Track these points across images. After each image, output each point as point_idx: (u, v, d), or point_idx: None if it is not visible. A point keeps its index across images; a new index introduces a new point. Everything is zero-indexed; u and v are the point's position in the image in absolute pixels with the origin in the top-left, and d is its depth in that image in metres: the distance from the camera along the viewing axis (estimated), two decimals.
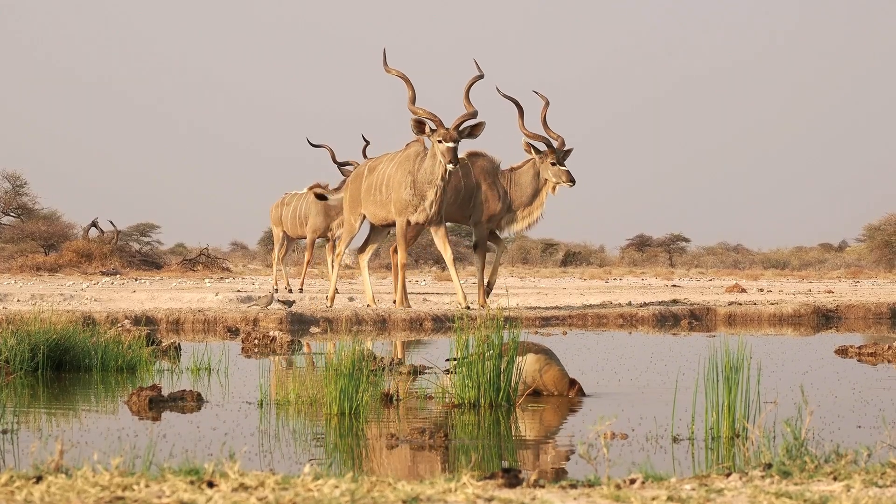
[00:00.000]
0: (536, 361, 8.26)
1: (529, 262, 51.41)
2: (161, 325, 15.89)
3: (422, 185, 16.30)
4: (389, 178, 16.63)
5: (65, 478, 4.50)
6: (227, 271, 35.72)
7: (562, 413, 7.81)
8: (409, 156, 16.51)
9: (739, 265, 51.02)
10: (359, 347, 7.61)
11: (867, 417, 7.44)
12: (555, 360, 8.34)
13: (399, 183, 16.43)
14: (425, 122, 15.89)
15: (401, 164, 16.53)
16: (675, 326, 16.96)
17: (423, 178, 16.28)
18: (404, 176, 16.40)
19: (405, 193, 16.35)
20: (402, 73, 16.14)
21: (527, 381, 8.23)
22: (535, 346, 8.33)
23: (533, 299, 20.04)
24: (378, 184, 16.77)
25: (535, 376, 8.26)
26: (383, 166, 16.82)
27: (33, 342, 9.88)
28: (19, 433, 6.76)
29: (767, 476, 4.84)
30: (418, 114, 15.89)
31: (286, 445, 6.44)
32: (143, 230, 47.47)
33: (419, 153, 16.44)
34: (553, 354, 8.37)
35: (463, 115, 15.90)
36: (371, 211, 16.92)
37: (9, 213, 42.19)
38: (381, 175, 16.77)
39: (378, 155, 17.30)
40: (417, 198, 16.33)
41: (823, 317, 18.34)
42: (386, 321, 16.19)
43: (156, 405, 7.91)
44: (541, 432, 7.12)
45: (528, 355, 8.25)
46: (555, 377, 8.29)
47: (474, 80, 16.11)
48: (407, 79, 16.07)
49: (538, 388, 8.29)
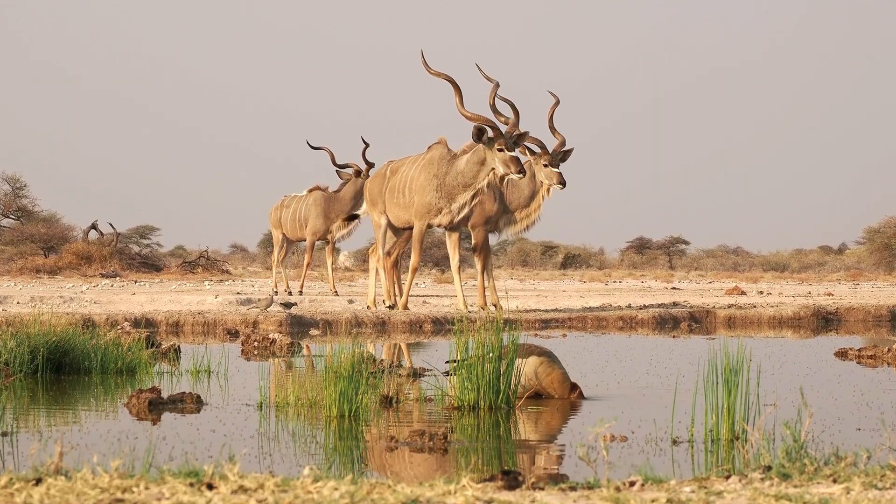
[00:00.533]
0: (539, 364, 8.26)
1: (529, 265, 51.42)
2: (161, 328, 15.89)
3: (452, 188, 16.12)
4: (412, 180, 16.51)
5: (64, 480, 4.50)
6: (226, 274, 35.72)
7: (561, 415, 7.81)
8: (432, 159, 16.37)
9: (739, 268, 51.03)
10: (358, 350, 7.61)
11: (867, 420, 7.44)
12: (557, 362, 8.34)
13: (422, 187, 16.27)
14: (485, 129, 15.73)
15: (424, 167, 16.38)
16: (675, 329, 16.95)
17: (455, 180, 16.07)
18: (428, 179, 16.25)
19: (429, 196, 16.22)
20: (447, 75, 15.86)
21: (529, 383, 8.22)
22: (538, 349, 8.33)
23: (532, 302, 20.04)
24: (401, 187, 16.66)
25: (538, 379, 8.26)
26: (406, 169, 16.70)
27: (33, 344, 9.88)
28: (19, 435, 6.76)
29: (767, 478, 4.84)
30: (478, 120, 15.68)
31: (286, 448, 6.44)
32: (142, 232, 47.44)
33: (443, 156, 16.29)
34: (555, 357, 8.37)
35: (512, 125, 15.70)
36: (394, 213, 16.83)
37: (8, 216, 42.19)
38: (404, 178, 16.66)
39: (400, 158, 17.13)
40: (444, 200, 16.19)
41: (823, 319, 18.34)
42: (385, 323, 16.19)
43: (155, 407, 7.91)
44: (540, 435, 7.12)
45: (529, 358, 8.24)
46: (557, 380, 8.29)
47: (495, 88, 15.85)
48: (453, 81, 15.79)
49: (540, 390, 8.29)
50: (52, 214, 42.50)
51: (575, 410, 7.98)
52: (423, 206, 16.27)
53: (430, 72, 15.89)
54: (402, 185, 16.65)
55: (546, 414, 7.85)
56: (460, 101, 15.69)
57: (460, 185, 16.09)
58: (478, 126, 15.63)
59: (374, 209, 17.16)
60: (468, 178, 16.00)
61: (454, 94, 15.69)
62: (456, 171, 16.10)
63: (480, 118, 15.63)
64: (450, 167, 16.18)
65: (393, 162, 17.19)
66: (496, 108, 15.79)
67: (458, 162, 16.13)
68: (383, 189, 16.93)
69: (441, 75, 15.81)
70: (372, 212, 17.22)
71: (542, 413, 7.87)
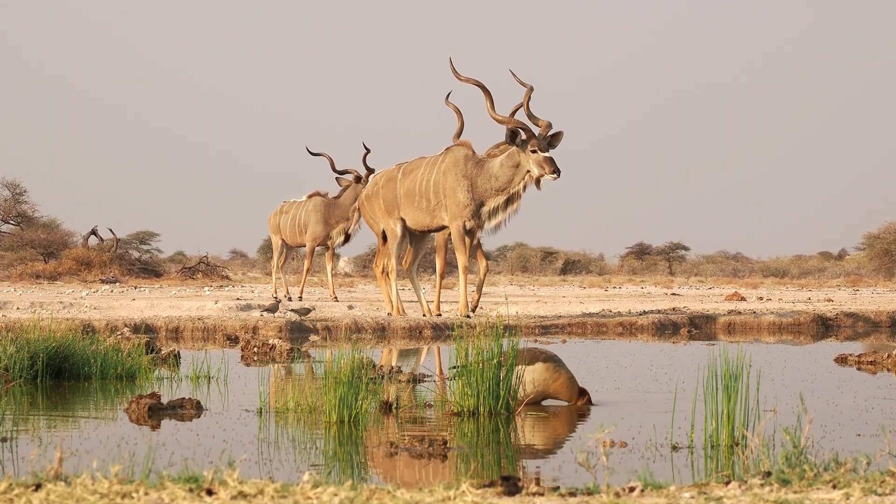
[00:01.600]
0: (546, 370, 8.25)
1: (529, 271, 51.42)
2: (160, 333, 15.88)
3: (484, 191, 16.03)
4: (437, 183, 16.33)
5: (64, 485, 4.50)
6: (226, 279, 35.71)
7: (561, 421, 7.81)
8: (456, 160, 16.23)
9: (739, 273, 51.01)
10: (358, 356, 7.61)
11: (867, 426, 7.44)
12: (563, 367, 8.33)
13: (453, 188, 16.14)
14: (519, 131, 15.70)
15: (449, 168, 16.22)
16: (675, 335, 16.95)
17: (487, 183, 15.95)
18: (458, 180, 16.11)
19: (463, 196, 16.14)
20: (477, 80, 15.89)
21: (537, 388, 8.22)
22: (543, 354, 8.31)
23: (532, 307, 20.04)
24: (421, 190, 16.50)
25: (545, 384, 8.25)
26: (423, 172, 16.53)
27: (33, 350, 9.88)
28: (18, 441, 6.76)
29: (766, 484, 4.84)
30: (511, 124, 15.65)
31: (285, 453, 6.44)
32: (142, 238, 47.43)
33: (469, 157, 16.21)
34: (561, 362, 8.36)
35: (545, 126, 15.66)
36: (412, 216, 16.67)
37: (8, 221, 42.17)
38: (423, 181, 16.49)
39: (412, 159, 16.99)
40: (476, 203, 16.13)
41: (823, 325, 18.34)
42: (385, 329, 16.18)
43: (155, 413, 7.91)
44: (540, 440, 7.12)
45: (537, 363, 8.24)
46: (564, 385, 8.28)
47: (529, 93, 15.82)
48: (483, 86, 15.81)
49: (547, 395, 8.29)
50: (52, 220, 42.48)
51: (574, 416, 7.98)
52: (457, 206, 16.10)
53: (460, 78, 15.97)
54: (422, 187, 16.48)
55: (546, 420, 7.84)
56: (491, 106, 15.75)
57: (493, 189, 15.98)
58: (511, 129, 15.62)
59: (389, 217, 16.93)
60: (503, 181, 15.90)
61: (485, 99, 15.79)
62: (489, 174, 15.98)
63: (512, 121, 15.65)
64: (480, 169, 16.06)
65: (403, 164, 17.03)
66: (531, 112, 15.73)
67: (490, 165, 16.01)
68: (398, 193, 16.78)
69: (471, 81, 15.91)
70: (387, 220, 16.96)
71: (542, 419, 7.86)
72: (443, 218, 16.35)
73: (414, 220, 16.68)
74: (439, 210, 16.34)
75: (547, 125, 15.64)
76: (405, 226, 16.87)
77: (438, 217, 16.41)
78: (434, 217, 16.44)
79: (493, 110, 15.71)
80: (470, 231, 16.35)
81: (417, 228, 16.82)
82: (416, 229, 16.86)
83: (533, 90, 15.76)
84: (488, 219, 16.14)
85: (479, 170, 16.05)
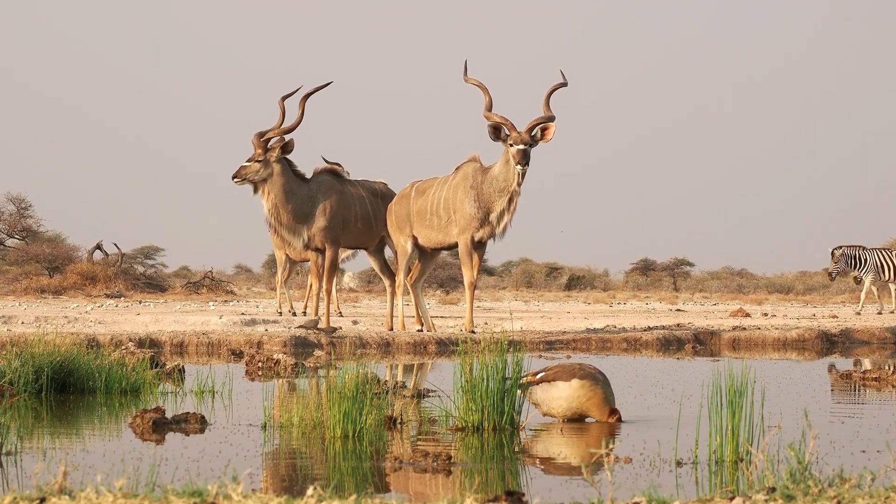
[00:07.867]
0: (581, 387, 8.25)
1: (533, 286, 51.41)
2: (165, 348, 15.89)
3: (488, 196, 16.12)
4: (447, 200, 16.45)
5: (68, 499, 4.51)
6: (231, 294, 35.73)
7: (565, 436, 7.81)
8: (466, 175, 16.38)
9: (744, 289, 50.97)
10: (362, 371, 7.61)
11: (871, 442, 7.43)
12: (600, 384, 8.31)
13: (461, 201, 16.27)
14: (501, 127, 15.78)
15: (458, 184, 16.37)
16: (680, 351, 16.94)
17: (490, 187, 16.07)
18: (466, 192, 16.24)
19: (468, 207, 16.23)
20: (480, 82, 16.10)
21: (570, 405, 8.24)
22: (581, 371, 8.30)
23: (537, 323, 20.03)
24: (433, 208, 16.62)
25: (579, 402, 8.26)
26: (435, 191, 16.66)
27: (37, 364, 9.88)
28: (23, 455, 6.76)
29: (771, 500, 4.83)
30: (493, 119, 15.79)
31: (290, 468, 6.44)
32: (147, 253, 47.44)
33: (476, 169, 16.34)
34: (599, 379, 8.32)
35: (537, 119, 15.72)
36: (425, 234, 16.78)
37: (13, 236, 42.22)
38: (435, 199, 16.60)
39: (426, 178, 17.10)
40: (483, 211, 16.22)
41: (828, 341, 18.32)
42: (390, 344, 16.18)
43: (159, 427, 7.91)
44: (544, 455, 7.12)
45: (572, 380, 8.25)
46: (596, 403, 8.29)
47: (557, 87, 15.95)
48: (485, 88, 16.01)
49: (581, 413, 8.31)
50: (56, 234, 42.51)
51: (579, 431, 7.97)
52: (464, 219, 16.24)
53: (466, 80, 16.18)
54: (434, 206, 16.60)
55: (549, 435, 7.84)
56: (487, 107, 15.83)
57: (496, 191, 16.10)
58: (491, 125, 15.72)
59: (400, 233, 17.03)
60: (501, 182, 16.03)
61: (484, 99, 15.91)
62: (490, 178, 16.14)
63: (493, 116, 15.72)
64: (485, 176, 16.22)
65: (418, 183, 17.14)
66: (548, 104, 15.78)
67: (493, 169, 16.20)
68: (410, 211, 16.88)
69: (473, 82, 16.08)
70: (398, 236, 17.07)
71: (546, 434, 7.86)
72: (455, 234, 16.42)
73: (426, 238, 16.77)
74: (451, 226, 16.43)
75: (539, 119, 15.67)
76: (416, 243, 16.94)
77: (451, 234, 16.49)
78: (447, 234, 16.53)
79: (488, 110, 15.83)
80: (479, 243, 16.41)
81: (429, 246, 16.91)
82: (429, 247, 16.95)
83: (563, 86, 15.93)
84: (497, 223, 16.23)
85: (484, 176, 16.19)
